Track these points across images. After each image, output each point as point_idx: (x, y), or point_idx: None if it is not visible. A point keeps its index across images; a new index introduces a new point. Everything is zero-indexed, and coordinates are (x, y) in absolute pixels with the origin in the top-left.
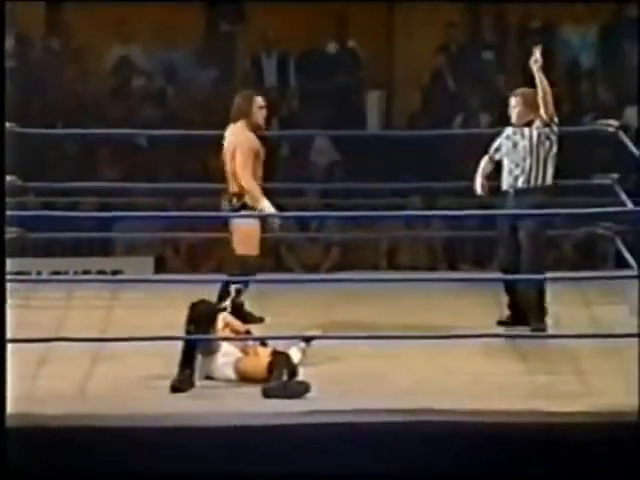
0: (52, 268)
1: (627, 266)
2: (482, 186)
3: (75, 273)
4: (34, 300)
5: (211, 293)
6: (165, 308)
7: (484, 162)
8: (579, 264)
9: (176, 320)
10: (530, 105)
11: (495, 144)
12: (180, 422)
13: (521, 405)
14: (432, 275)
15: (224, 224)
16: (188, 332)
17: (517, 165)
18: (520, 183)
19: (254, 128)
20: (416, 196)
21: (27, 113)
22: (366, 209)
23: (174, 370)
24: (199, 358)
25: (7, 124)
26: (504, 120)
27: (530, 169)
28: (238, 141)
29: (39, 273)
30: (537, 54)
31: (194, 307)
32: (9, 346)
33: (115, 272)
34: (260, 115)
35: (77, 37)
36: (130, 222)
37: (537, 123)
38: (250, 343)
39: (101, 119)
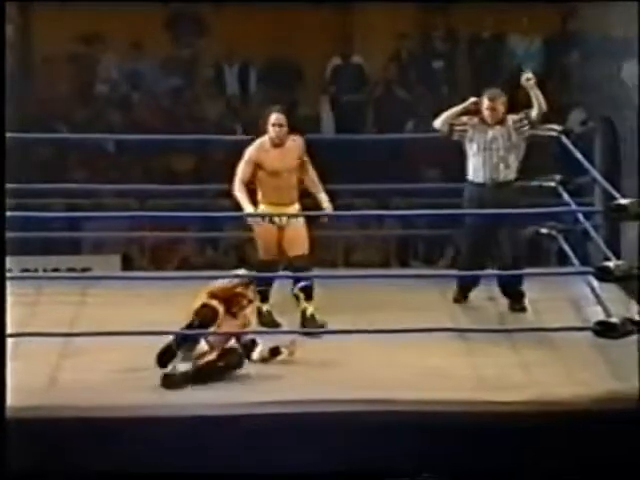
0: (23, 266)
1: (569, 263)
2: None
3: (45, 270)
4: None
5: (177, 289)
6: (132, 304)
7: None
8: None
9: (143, 315)
10: (504, 106)
11: (451, 117)
12: (147, 413)
13: (468, 396)
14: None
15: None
16: (191, 324)
17: (499, 159)
18: (502, 177)
19: (272, 143)
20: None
21: None
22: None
23: (141, 363)
24: (178, 354)
25: None
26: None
27: (512, 164)
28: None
29: (10, 270)
30: (529, 74)
31: (203, 307)
32: None
33: (84, 269)
34: (272, 131)
35: (45, 45)
36: (97, 222)
37: (510, 123)
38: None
39: (69, 124)
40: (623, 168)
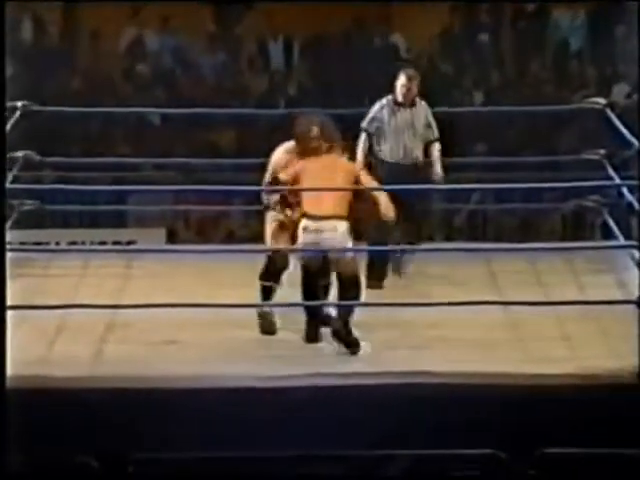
0: (70, 239)
1: (613, 237)
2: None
3: (92, 243)
4: (52, 269)
5: (222, 262)
6: (177, 277)
7: (364, 139)
8: (568, 235)
9: (186, 288)
10: (418, 87)
11: (370, 117)
12: (190, 385)
13: (512, 368)
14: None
15: None
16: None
17: (414, 139)
18: (420, 156)
19: None
20: None
21: (45, 92)
22: None
23: (183, 335)
24: None
25: (22, 103)
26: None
27: (416, 145)
28: None
29: (57, 243)
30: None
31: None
32: (29, 312)
33: (129, 243)
34: None
35: (93, 22)
36: (143, 195)
37: (422, 108)
38: None
39: (116, 98)
40: None
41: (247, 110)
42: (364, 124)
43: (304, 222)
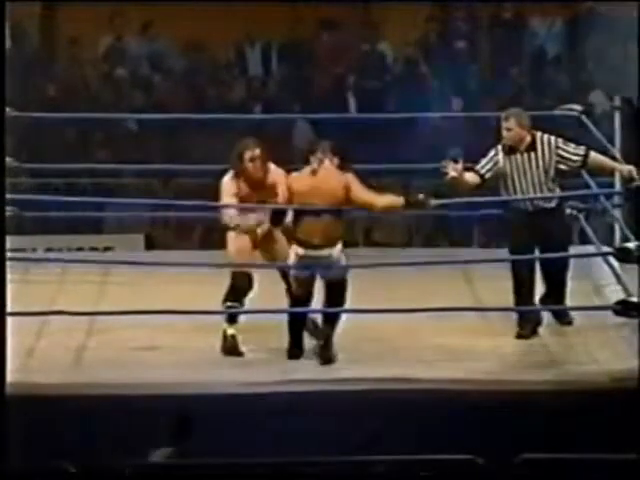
0: (47, 245)
1: (589, 243)
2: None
3: (69, 250)
4: (30, 275)
5: (200, 268)
6: (155, 283)
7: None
8: None
9: (165, 293)
10: (521, 125)
11: (484, 161)
12: (169, 390)
13: (489, 375)
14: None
15: None
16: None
17: (536, 186)
18: (549, 202)
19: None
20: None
21: (24, 98)
22: None
23: (161, 342)
24: None
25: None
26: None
27: (542, 191)
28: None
29: (34, 250)
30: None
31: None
32: (8, 319)
33: (107, 249)
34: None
35: (70, 27)
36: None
37: (543, 145)
38: None
39: (93, 104)
40: None
41: (225, 116)
42: (477, 166)
43: (298, 250)
